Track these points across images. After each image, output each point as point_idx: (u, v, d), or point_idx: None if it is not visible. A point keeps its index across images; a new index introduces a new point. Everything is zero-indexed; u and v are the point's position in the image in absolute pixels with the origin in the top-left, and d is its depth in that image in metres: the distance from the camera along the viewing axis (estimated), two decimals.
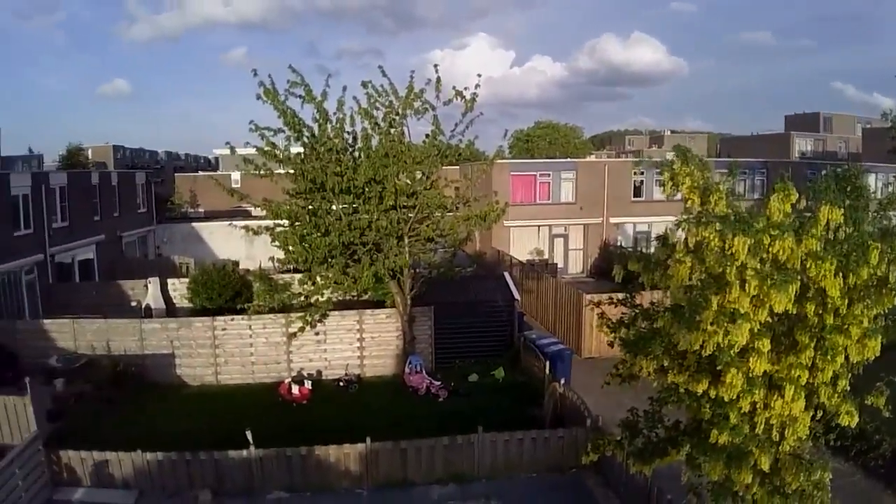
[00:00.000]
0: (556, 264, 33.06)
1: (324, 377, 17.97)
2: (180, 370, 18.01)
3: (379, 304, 19.34)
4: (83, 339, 18.23)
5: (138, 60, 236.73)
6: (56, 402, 15.71)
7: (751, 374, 6.50)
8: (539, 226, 34.12)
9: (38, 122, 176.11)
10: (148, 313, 22.45)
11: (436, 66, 16.34)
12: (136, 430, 14.02)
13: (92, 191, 28.99)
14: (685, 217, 7.13)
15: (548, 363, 16.00)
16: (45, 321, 19.31)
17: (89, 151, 75.98)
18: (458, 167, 27.28)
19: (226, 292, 22.76)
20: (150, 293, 23.85)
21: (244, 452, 11.92)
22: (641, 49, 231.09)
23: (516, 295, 20.21)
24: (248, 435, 11.86)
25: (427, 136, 17.26)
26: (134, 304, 23.80)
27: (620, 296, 8.74)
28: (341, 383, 17.43)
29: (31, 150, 78.23)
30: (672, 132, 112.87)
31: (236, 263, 26.82)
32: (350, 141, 17.05)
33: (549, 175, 34.22)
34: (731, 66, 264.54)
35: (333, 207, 16.82)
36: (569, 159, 48.58)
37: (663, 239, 7.61)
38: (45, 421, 13.99)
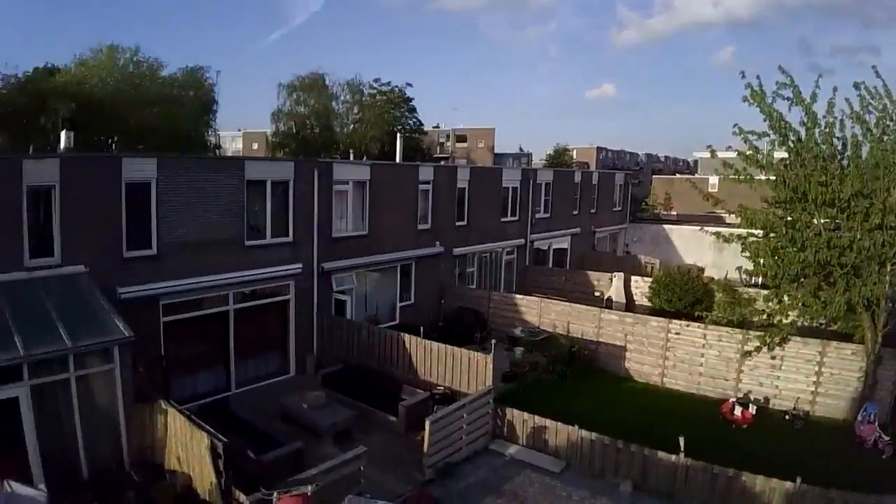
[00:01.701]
0: None
1: (770, 405, 16.35)
2: (629, 364, 18.77)
3: (844, 337, 16.52)
4: (547, 317, 20.84)
5: (626, 65, 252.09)
6: (513, 366, 18.37)
7: None
8: None
9: (529, 123, 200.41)
10: (608, 305, 23.97)
11: None
12: (573, 407, 15.13)
13: (573, 188, 32.11)
14: None
15: None
16: (517, 296, 22.63)
17: (574, 152, 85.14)
18: None
19: (686, 297, 22.63)
20: (613, 286, 25.47)
21: (673, 457, 11.84)
22: None
23: None
24: (681, 441, 11.78)
25: None
26: (597, 294, 25.72)
27: None
28: (787, 416, 15.56)
29: (521, 149, 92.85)
30: None
31: (701, 269, 26.35)
32: (839, 148, 14.94)
33: None
34: None
35: (814, 221, 15.03)
36: None
37: None
38: (500, 380, 16.46)
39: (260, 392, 16.50)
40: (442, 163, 55.63)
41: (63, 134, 16.88)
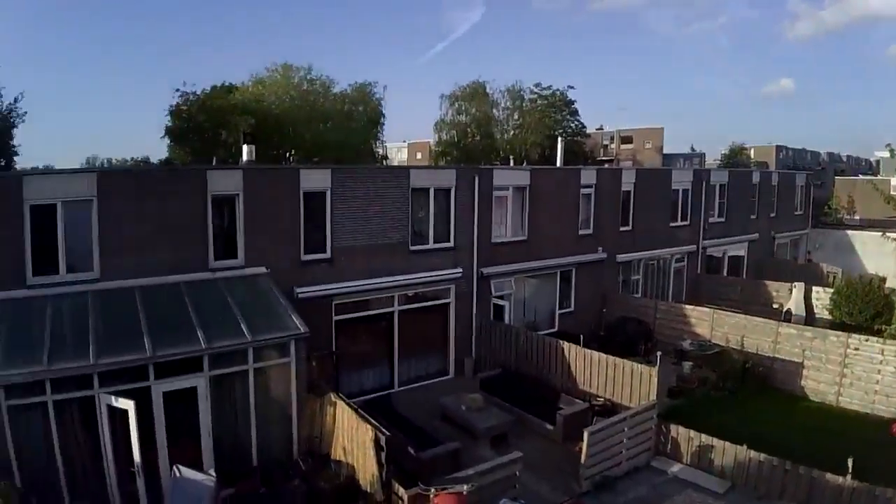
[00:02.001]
0: None
1: None
2: (805, 382, 17.04)
3: None
4: (719, 330, 19.39)
5: (802, 58, 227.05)
6: (680, 381, 17.28)
7: None
8: None
9: (700, 121, 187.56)
10: (787, 318, 21.96)
11: None
12: (742, 426, 14.00)
13: (751, 190, 29.74)
14: None
15: None
16: (687, 306, 21.26)
17: (752, 151, 78.64)
18: None
19: (866, 310, 20.47)
20: (793, 298, 23.25)
21: (840, 479, 10.75)
22: None
23: None
24: (850, 463, 10.82)
25: None
26: (776, 306, 23.62)
27: None
28: None
29: (692, 149, 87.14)
30: None
31: (883, 279, 23.37)
32: None
33: None
34: None
35: None
36: None
37: None
38: (665, 395, 15.56)
39: (420, 391, 17.13)
40: (605, 165, 54.07)
41: (245, 147, 18.40)
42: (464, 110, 53.76)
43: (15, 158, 29.68)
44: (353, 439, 11.15)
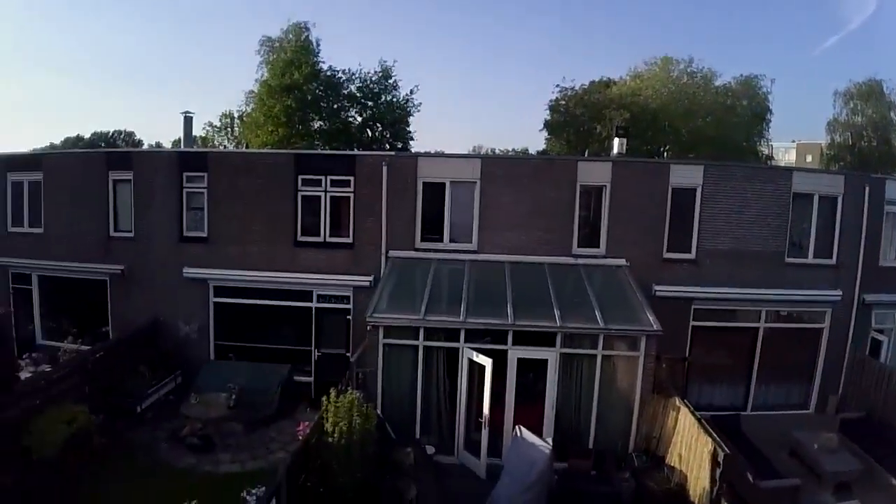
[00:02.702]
0: None
1: None
2: None
3: None
4: None
5: None
6: None
7: None
8: None
9: None
10: None
11: None
12: None
13: None
14: None
15: None
16: None
17: None
18: None
19: None
20: None
21: None
22: None
23: None
24: None
25: None
26: None
27: None
28: None
29: None
30: None
31: None
32: None
33: None
34: None
35: None
36: None
37: None
38: None
39: (773, 420, 15.12)
40: None
41: (616, 140, 18.41)
42: (859, 110, 45.23)
43: (410, 143, 35.24)
44: (692, 449, 10.58)
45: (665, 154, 38.46)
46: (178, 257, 16.11)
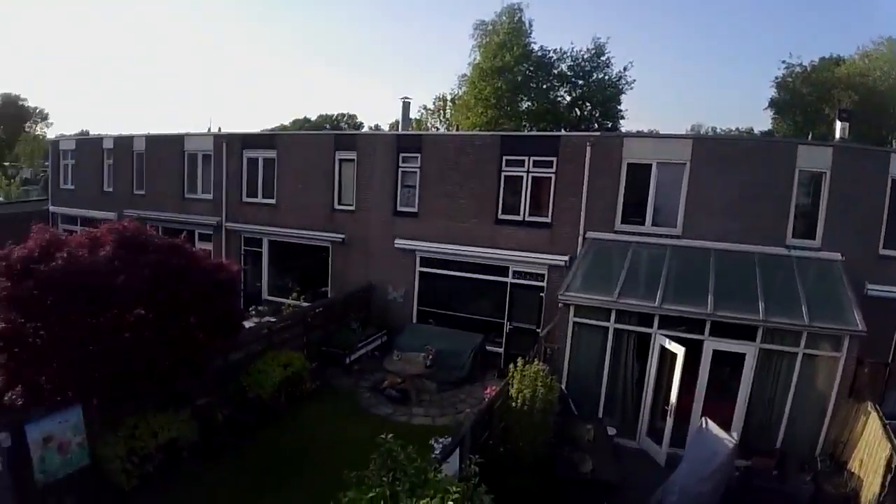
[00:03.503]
0: None
1: None
2: None
3: None
4: None
5: None
6: None
7: None
8: None
9: None
10: None
11: None
12: None
13: None
14: None
15: None
16: None
17: None
18: None
19: None
20: None
21: None
22: None
23: None
24: None
25: None
26: None
27: None
28: None
29: None
30: None
31: None
32: None
33: None
34: None
35: None
36: None
37: None
38: None
39: None
40: None
41: (838, 124, 16.64)
42: None
43: (620, 122, 34.14)
44: (872, 455, 9.62)
45: (893, 142, 33.26)
46: (390, 229, 17.71)
